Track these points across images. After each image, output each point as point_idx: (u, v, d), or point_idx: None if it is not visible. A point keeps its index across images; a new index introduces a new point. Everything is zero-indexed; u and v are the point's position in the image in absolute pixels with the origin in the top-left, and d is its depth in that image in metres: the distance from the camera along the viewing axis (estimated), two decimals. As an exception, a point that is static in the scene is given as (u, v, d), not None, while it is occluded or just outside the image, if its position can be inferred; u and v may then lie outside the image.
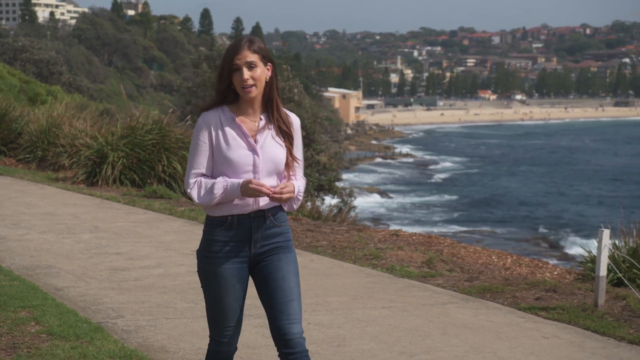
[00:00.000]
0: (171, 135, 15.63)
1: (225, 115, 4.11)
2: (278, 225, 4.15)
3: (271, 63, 4.11)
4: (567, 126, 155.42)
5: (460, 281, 8.40)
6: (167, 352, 5.99)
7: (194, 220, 11.92)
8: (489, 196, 55.21)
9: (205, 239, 4.16)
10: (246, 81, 4.01)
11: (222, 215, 4.08)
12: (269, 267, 4.12)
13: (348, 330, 6.61)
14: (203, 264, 4.16)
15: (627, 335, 6.55)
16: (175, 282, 8.14)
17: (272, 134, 4.11)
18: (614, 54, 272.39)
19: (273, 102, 4.13)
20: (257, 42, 4.10)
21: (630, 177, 68.55)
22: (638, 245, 8.97)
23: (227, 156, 4.04)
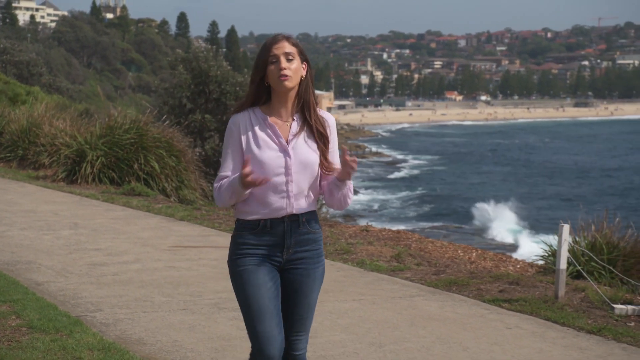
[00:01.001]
0: (149, 135, 15.58)
1: (256, 116, 3.83)
2: (312, 232, 3.87)
3: (307, 62, 3.86)
4: (530, 125, 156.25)
5: (427, 275, 8.43)
6: (145, 344, 5.97)
7: (171, 217, 11.89)
8: (455, 193, 55.39)
9: (234, 242, 3.87)
10: (283, 70, 3.72)
11: (254, 219, 3.80)
12: (296, 281, 3.85)
13: (320, 322, 6.61)
14: (234, 267, 3.86)
15: (585, 325, 6.60)
16: (153, 277, 8.11)
17: (305, 136, 3.81)
18: (573, 57, 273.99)
19: (309, 104, 3.83)
20: (294, 38, 3.87)
21: (591, 174, 69.05)
22: (596, 239, 9.04)
23: (258, 158, 3.74)
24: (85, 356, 5.48)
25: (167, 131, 16.12)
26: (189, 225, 11.34)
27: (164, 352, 5.80)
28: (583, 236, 9.28)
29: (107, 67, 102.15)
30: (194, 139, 20.09)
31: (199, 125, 21.04)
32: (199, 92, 21.52)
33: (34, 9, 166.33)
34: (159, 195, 14.46)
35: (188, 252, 9.38)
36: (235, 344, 6.00)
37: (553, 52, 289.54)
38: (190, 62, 21.76)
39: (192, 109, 21.40)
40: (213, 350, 5.86)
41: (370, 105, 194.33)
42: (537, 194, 54.86)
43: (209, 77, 21.30)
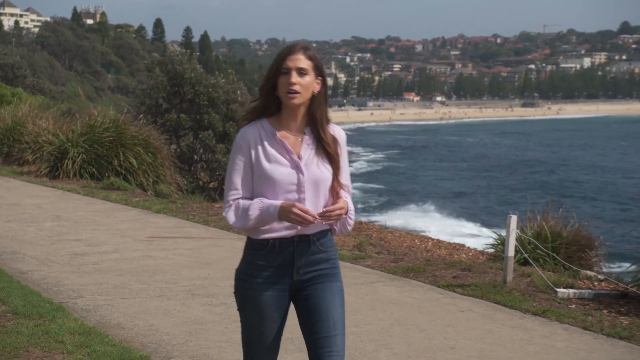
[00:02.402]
0: (127, 133, 15.49)
1: (265, 130, 3.38)
2: (324, 251, 3.42)
3: (322, 77, 3.41)
4: (482, 124, 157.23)
5: (387, 262, 8.45)
6: (123, 328, 5.93)
7: (148, 210, 11.82)
8: (413, 187, 55.61)
9: (245, 261, 3.46)
10: (292, 85, 3.29)
11: (263, 238, 3.37)
12: (313, 297, 3.39)
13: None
14: (241, 288, 3.45)
15: (531, 308, 6.66)
16: (131, 266, 8.06)
17: (317, 152, 3.39)
18: (521, 61, 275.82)
19: (317, 120, 3.38)
20: (313, 50, 3.42)
21: (541, 167, 69.63)
22: (541, 228, 9.12)
23: (268, 175, 3.31)
24: (67, 340, 5.43)
25: (144, 129, 16.04)
26: (165, 217, 11.28)
27: (141, 335, 5.77)
28: (530, 226, 9.35)
29: (87, 69, 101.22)
30: (170, 136, 19.96)
31: (174, 124, 20.92)
32: (174, 93, 21.41)
33: (18, 15, 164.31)
34: (137, 189, 14.38)
35: (164, 243, 9.33)
36: (208, 328, 5.98)
37: (502, 56, 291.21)
38: (166, 65, 21.64)
39: (168, 108, 21.28)
40: (187, 333, 5.84)
41: (334, 106, 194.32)
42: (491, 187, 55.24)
43: (184, 79, 21.19)
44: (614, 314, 6.53)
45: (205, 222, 10.82)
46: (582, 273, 7.95)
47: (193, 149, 21.05)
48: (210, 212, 11.77)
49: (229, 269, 8.02)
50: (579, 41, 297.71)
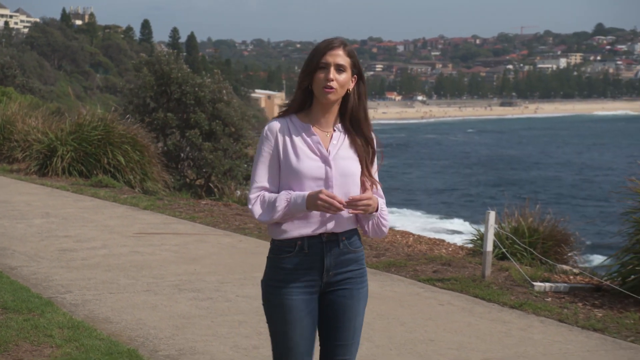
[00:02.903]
0: (115, 131, 15.46)
1: (293, 124, 3.25)
2: (353, 251, 3.26)
3: (358, 75, 3.27)
4: (462, 122, 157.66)
5: (369, 257, 8.45)
6: (111, 322, 5.91)
7: (135, 207, 11.78)
8: (395, 183, 55.71)
9: (270, 266, 3.26)
10: (330, 81, 3.16)
11: (290, 238, 3.19)
12: (338, 303, 3.25)
13: (271, 301, 6.60)
14: (268, 295, 3.25)
15: (509, 301, 6.69)
16: (119, 261, 8.03)
17: (346, 147, 3.25)
18: (499, 61, 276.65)
19: (355, 118, 3.27)
20: (350, 46, 3.27)
21: (519, 164, 69.89)
22: (519, 224, 9.16)
23: (295, 168, 3.17)
24: (55, 334, 5.41)
25: (132, 128, 16.01)
26: (152, 214, 11.24)
27: (128, 329, 5.75)
28: (508, 222, 9.38)
29: (76, 69, 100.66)
30: (157, 135, 19.90)
31: (162, 122, 20.84)
32: (162, 92, 21.34)
33: (8, 16, 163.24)
34: (125, 186, 14.34)
35: (151, 239, 9.30)
36: (194, 322, 5.97)
37: (481, 57, 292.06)
38: (154, 65, 21.57)
39: (155, 107, 21.21)
40: (174, 327, 5.83)
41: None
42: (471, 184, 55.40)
43: (171, 78, 21.12)
44: (588, 306, 6.56)
45: (192, 219, 10.79)
46: (558, 267, 7.99)
47: (180, 147, 20.99)
48: (196, 208, 11.74)
49: (215, 264, 8.01)
50: (555, 42, 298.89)
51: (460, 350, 5.46)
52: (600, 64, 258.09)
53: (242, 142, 21.20)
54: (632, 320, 6.12)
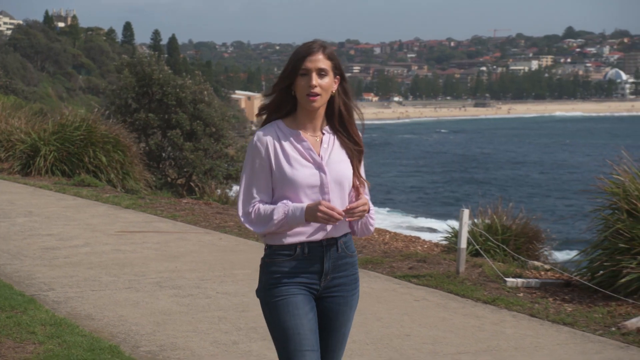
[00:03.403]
0: (97, 132, 15.37)
1: (282, 131, 3.10)
2: (350, 255, 3.17)
3: (340, 76, 3.14)
4: (437, 123, 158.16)
5: (346, 254, 8.45)
6: (93, 319, 5.87)
7: (117, 205, 11.72)
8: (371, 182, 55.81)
9: (266, 271, 3.11)
10: (314, 88, 3.03)
11: (290, 243, 3.06)
12: (332, 309, 3.16)
13: (251, 298, 6.58)
14: (267, 299, 3.09)
15: (482, 296, 6.71)
16: (101, 259, 7.99)
17: (337, 149, 3.14)
18: (473, 63, 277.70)
19: (344, 117, 3.15)
20: (331, 48, 3.14)
21: (493, 163, 70.24)
22: (492, 222, 9.20)
23: (290, 177, 3.03)
24: (38, 331, 5.37)
25: (114, 128, 15.92)
26: (134, 212, 11.18)
27: (110, 326, 5.72)
28: (481, 219, 9.42)
29: (59, 70, 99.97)
30: (139, 135, 19.80)
31: (143, 123, 20.76)
32: (143, 93, 21.25)
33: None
34: (107, 186, 14.25)
35: (133, 237, 9.25)
36: (175, 318, 5.95)
37: (456, 58, 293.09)
38: (135, 66, 21.47)
39: (137, 108, 21.11)
40: (155, 323, 5.80)
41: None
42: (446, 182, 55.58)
43: (152, 80, 21.04)
44: (558, 301, 6.60)
45: (173, 217, 10.75)
46: (530, 263, 8.03)
47: (161, 147, 20.92)
48: (177, 207, 11.70)
49: (195, 261, 7.98)
50: (527, 45, 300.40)
51: (435, 345, 5.48)
52: (570, 66, 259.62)
53: (222, 142, 21.16)
54: (600, 315, 6.17)
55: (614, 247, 6.73)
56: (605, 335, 5.69)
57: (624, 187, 6.99)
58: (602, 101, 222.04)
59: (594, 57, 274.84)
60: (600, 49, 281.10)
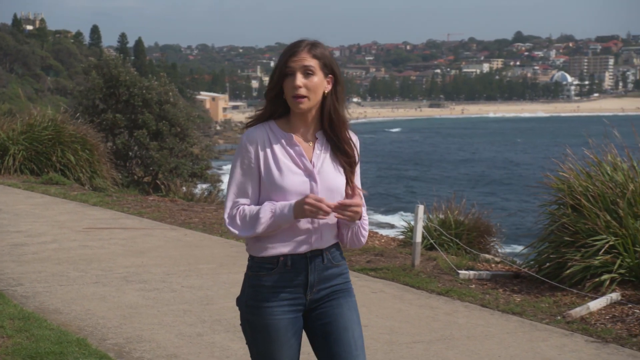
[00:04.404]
0: (65, 131, 15.19)
1: (274, 132, 2.81)
2: (336, 265, 2.86)
3: (333, 75, 2.83)
4: (394, 122, 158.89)
5: (306, 249, 8.45)
6: (61, 313, 5.80)
7: (85, 203, 11.59)
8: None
9: (249, 285, 2.82)
10: (298, 89, 2.73)
11: (272, 255, 2.77)
12: (327, 315, 2.83)
13: (215, 291, 6.57)
14: (248, 316, 2.81)
15: (436, 288, 6.76)
16: (69, 255, 7.89)
17: (330, 158, 2.83)
18: (428, 66, 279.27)
19: (333, 122, 2.82)
20: (321, 47, 2.81)
21: (447, 161, 70.74)
22: (446, 217, 9.26)
23: (278, 183, 2.73)
24: (7, 325, 5.28)
25: (82, 128, 15.76)
26: (102, 209, 11.07)
27: (78, 319, 5.65)
28: (436, 214, 9.48)
29: (28, 72, 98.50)
30: (106, 135, 19.59)
31: (110, 123, 20.54)
32: (110, 94, 21.03)
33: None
34: (75, 184, 14.09)
35: (100, 233, 9.15)
36: (142, 311, 5.90)
37: (411, 61, 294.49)
38: (102, 68, 21.25)
39: (104, 109, 20.89)
40: (121, 317, 5.75)
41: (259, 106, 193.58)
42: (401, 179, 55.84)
43: (119, 81, 20.83)
44: (508, 292, 6.67)
45: (140, 214, 10.66)
46: (481, 256, 8.10)
47: (128, 146, 20.71)
48: (144, 204, 11.60)
49: (161, 257, 7.93)
50: (479, 48, 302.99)
51: (391, 335, 5.51)
52: (519, 68, 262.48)
53: (187, 141, 21.03)
54: (547, 304, 6.24)
55: (560, 240, 6.82)
56: (551, 324, 5.77)
57: (568, 184, 7.09)
58: (549, 102, 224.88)
59: (542, 60, 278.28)
60: (547, 52, 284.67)
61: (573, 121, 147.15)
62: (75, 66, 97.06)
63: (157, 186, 19.94)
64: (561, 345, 5.27)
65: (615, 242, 6.45)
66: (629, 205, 6.62)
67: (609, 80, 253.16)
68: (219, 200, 17.40)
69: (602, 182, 6.90)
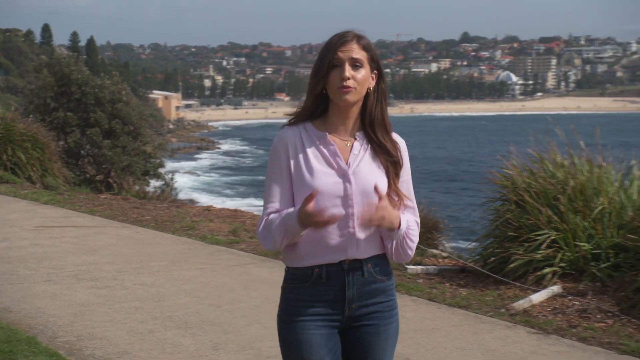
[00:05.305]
0: (15, 130, 14.88)
1: (308, 133, 2.57)
2: (380, 280, 2.57)
3: (378, 71, 2.61)
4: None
5: (259, 246, 8.44)
6: (11, 312, 5.69)
7: (36, 201, 11.39)
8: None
9: (284, 298, 2.59)
10: (346, 79, 2.49)
11: (306, 266, 2.53)
12: (363, 341, 2.57)
13: (167, 288, 6.51)
14: (283, 331, 2.58)
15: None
16: (19, 253, 7.74)
17: (369, 159, 2.57)
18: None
19: (381, 122, 2.59)
20: (367, 39, 2.61)
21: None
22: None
23: (310, 185, 2.48)
24: (-45, 325, 5.16)
25: (33, 127, 15.47)
26: (53, 208, 10.89)
27: (28, 318, 5.55)
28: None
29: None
30: (57, 133, 19.28)
31: (62, 121, 20.22)
32: (62, 93, 20.70)
33: None
34: (26, 182, 13.83)
35: (51, 231, 9.01)
36: (93, 309, 5.82)
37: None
38: (54, 67, 20.91)
39: (56, 107, 20.55)
40: (72, 315, 5.67)
41: (212, 105, 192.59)
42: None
43: (71, 80, 20.52)
44: (454, 286, 6.74)
45: (92, 212, 10.51)
46: (429, 251, 8.17)
47: (80, 144, 20.42)
48: (96, 202, 11.45)
49: (113, 254, 7.83)
50: (427, 49, 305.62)
51: (340, 329, 5.51)
52: (466, 68, 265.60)
53: (140, 139, 20.81)
54: (491, 298, 6.33)
55: (504, 235, 6.91)
56: (495, 317, 5.84)
57: (512, 180, 7.19)
58: (495, 101, 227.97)
59: (488, 60, 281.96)
60: (493, 53, 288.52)
61: (518, 120, 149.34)
62: (26, 65, 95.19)
63: (110, 184, 19.70)
64: (504, 337, 5.35)
65: (556, 236, 6.56)
66: (570, 201, 6.74)
67: (552, 80, 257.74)
68: (171, 198, 17.27)
69: (544, 179, 7.01)
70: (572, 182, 6.83)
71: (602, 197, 6.72)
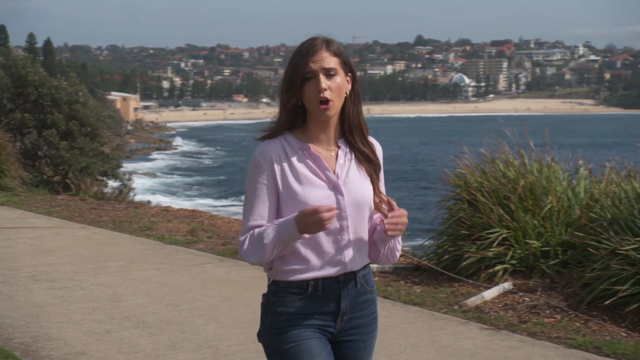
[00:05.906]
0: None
1: (290, 144, 2.42)
2: (370, 291, 2.50)
3: (352, 73, 2.46)
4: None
5: (217, 245, 8.40)
6: (-34, 315, 5.57)
7: (2, 206, 11.18)
8: (241, 178, 55.65)
9: (271, 312, 2.42)
10: (323, 92, 2.34)
11: (301, 279, 2.38)
12: (347, 356, 2.49)
13: (125, 288, 6.44)
14: (274, 346, 2.41)
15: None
16: (-25, 256, 7.59)
17: (354, 166, 2.46)
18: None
19: (359, 127, 2.48)
20: (336, 42, 2.44)
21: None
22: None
23: (301, 199, 2.34)
24: None
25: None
26: (9, 209, 10.69)
27: (-17, 320, 5.44)
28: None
29: None
30: (14, 134, 18.93)
31: (19, 122, 19.87)
32: (19, 94, 20.35)
33: None
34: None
35: (7, 233, 8.84)
36: (49, 310, 5.73)
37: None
38: (10, 68, 20.56)
39: (12, 108, 20.19)
40: (29, 316, 5.57)
41: (170, 106, 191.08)
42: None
43: (27, 81, 20.19)
44: (409, 284, 6.78)
45: (49, 213, 10.35)
46: (384, 250, 8.20)
47: (37, 146, 20.08)
48: (53, 203, 11.27)
49: (70, 255, 7.71)
50: (383, 51, 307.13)
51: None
52: (420, 70, 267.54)
53: (98, 140, 20.56)
54: (445, 295, 6.38)
55: (457, 233, 6.97)
56: (449, 313, 5.89)
57: (465, 180, 7.26)
58: (448, 103, 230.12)
59: (441, 62, 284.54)
60: (447, 55, 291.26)
61: (471, 121, 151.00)
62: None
63: (67, 185, 19.41)
64: (457, 333, 5.39)
65: (507, 234, 6.64)
66: (520, 200, 6.83)
67: (503, 82, 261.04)
68: (129, 199, 17.10)
69: (496, 178, 7.09)
70: (522, 182, 6.92)
71: (550, 196, 6.82)
